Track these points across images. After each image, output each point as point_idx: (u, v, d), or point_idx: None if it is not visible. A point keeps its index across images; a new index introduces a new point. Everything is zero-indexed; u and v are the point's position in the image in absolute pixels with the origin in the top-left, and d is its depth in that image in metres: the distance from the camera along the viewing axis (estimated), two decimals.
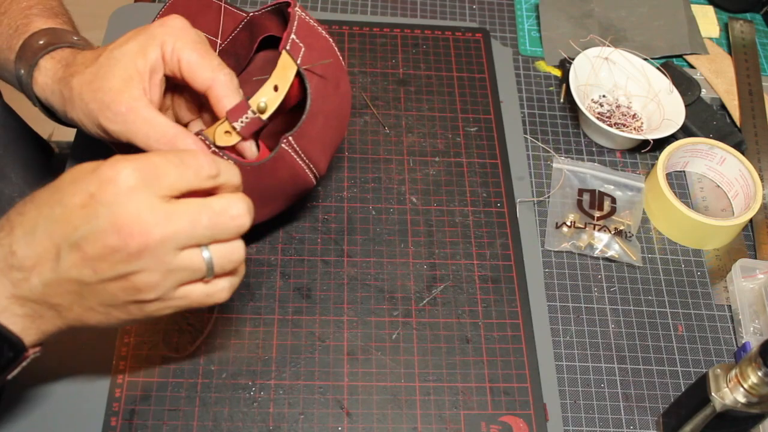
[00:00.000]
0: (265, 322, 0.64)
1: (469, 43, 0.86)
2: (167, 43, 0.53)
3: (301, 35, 0.58)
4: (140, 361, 0.61)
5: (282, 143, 0.57)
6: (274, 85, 0.56)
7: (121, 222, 0.42)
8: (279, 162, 0.58)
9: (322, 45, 0.60)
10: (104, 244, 0.42)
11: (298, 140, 0.58)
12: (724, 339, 0.68)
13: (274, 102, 0.55)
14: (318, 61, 0.58)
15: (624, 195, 0.76)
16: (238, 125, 0.54)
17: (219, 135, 0.55)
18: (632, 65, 0.82)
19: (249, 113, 0.54)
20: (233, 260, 0.47)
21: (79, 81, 0.54)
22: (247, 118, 0.54)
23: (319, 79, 0.59)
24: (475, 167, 0.76)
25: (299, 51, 0.57)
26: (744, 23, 0.92)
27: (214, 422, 0.58)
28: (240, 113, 0.54)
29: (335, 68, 0.61)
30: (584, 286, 0.70)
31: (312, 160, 0.60)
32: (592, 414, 0.63)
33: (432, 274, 0.68)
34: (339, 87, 0.61)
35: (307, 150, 0.59)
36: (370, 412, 0.60)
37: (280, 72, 0.56)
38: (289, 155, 0.58)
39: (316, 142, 0.60)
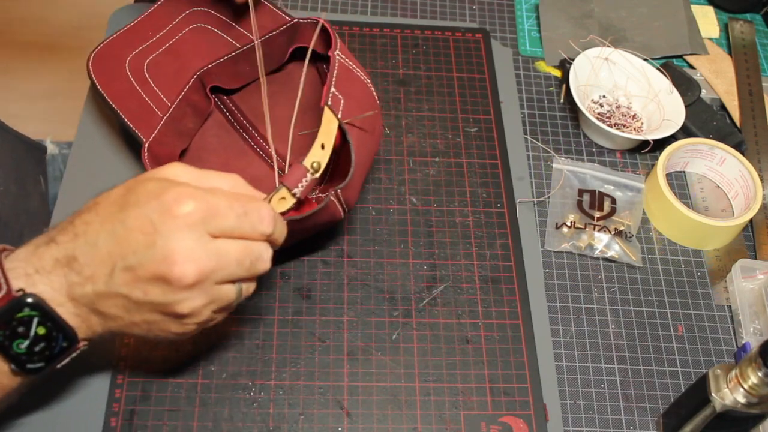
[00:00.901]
0: (265, 322, 0.64)
1: (469, 44, 0.86)
2: None
3: (341, 85, 0.59)
4: (140, 361, 0.61)
5: (330, 196, 0.58)
6: (321, 144, 0.56)
7: (176, 256, 0.45)
8: (323, 210, 0.59)
9: (359, 89, 0.61)
10: (157, 273, 0.46)
11: (344, 192, 0.59)
12: (724, 339, 0.68)
13: (324, 159, 0.56)
14: (356, 110, 0.59)
15: (624, 195, 0.76)
16: (298, 191, 0.55)
17: (275, 202, 0.55)
18: (632, 65, 0.82)
19: (308, 176, 0.55)
20: (251, 292, 0.52)
21: None
22: (306, 180, 0.55)
23: (360, 130, 0.60)
24: (475, 167, 0.76)
25: (339, 104, 0.58)
26: (744, 23, 0.92)
27: (214, 422, 0.58)
28: (299, 179, 0.55)
29: (372, 107, 0.62)
30: (584, 286, 0.70)
31: (349, 203, 0.61)
32: (592, 414, 0.63)
33: (432, 274, 0.68)
34: (375, 131, 0.63)
35: (347, 197, 0.60)
36: (370, 412, 0.60)
37: (325, 128, 0.57)
38: (333, 205, 0.59)
39: (355, 188, 0.61)
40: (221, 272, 0.47)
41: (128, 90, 0.69)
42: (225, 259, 0.47)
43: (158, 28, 0.74)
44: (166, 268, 0.45)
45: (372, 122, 0.62)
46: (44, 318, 0.47)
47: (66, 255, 0.47)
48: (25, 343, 0.47)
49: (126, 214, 0.46)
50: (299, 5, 0.88)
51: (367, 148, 0.62)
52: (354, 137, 0.58)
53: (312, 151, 0.56)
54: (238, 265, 0.48)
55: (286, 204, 0.55)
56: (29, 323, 0.46)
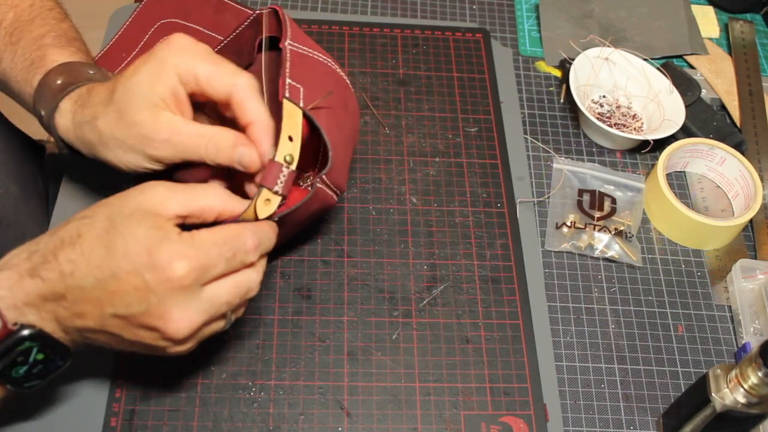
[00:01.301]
0: (265, 322, 0.64)
1: (469, 44, 0.86)
2: (178, 64, 0.53)
3: (297, 73, 0.57)
4: (140, 361, 0.60)
5: (317, 183, 0.57)
6: (288, 136, 0.55)
7: (170, 316, 0.47)
8: (314, 198, 0.58)
9: (320, 73, 0.60)
10: (150, 324, 0.47)
11: (330, 175, 0.58)
12: (724, 339, 0.68)
13: (296, 150, 0.55)
14: (319, 93, 0.58)
15: (624, 195, 0.76)
16: (279, 188, 0.53)
17: (260, 208, 0.53)
18: (632, 65, 0.82)
19: (284, 170, 0.53)
20: (240, 315, 0.54)
21: (105, 122, 0.54)
22: (284, 176, 0.53)
23: (329, 112, 0.58)
24: (475, 167, 0.76)
25: (298, 93, 0.56)
26: (744, 23, 0.92)
27: (214, 422, 0.58)
28: (276, 175, 0.53)
29: (340, 89, 0.61)
30: (584, 286, 0.70)
31: (338, 186, 0.60)
32: (592, 414, 0.63)
33: (432, 274, 0.68)
34: (348, 107, 0.62)
35: (336, 180, 0.59)
36: (370, 412, 0.60)
37: (289, 121, 0.55)
38: (322, 191, 0.59)
39: (343, 170, 0.61)
40: (213, 317, 0.49)
41: None
42: (217, 307, 0.49)
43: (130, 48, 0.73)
44: (160, 324, 0.47)
45: (342, 99, 0.61)
46: (43, 346, 0.48)
47: (53, 292, 0.47)
48: (23, 368, 0.48)
49: (115, 264, 0.46)
50: (299, 5, 0.88)
51: (345, 127, 0.61)
52: (324, 120, 0.57)
53: (280, 145, 0.54)
54: (228, 306, 0.50)
55: (272, 204, 0.53)
56: (29, 352, 0.47)
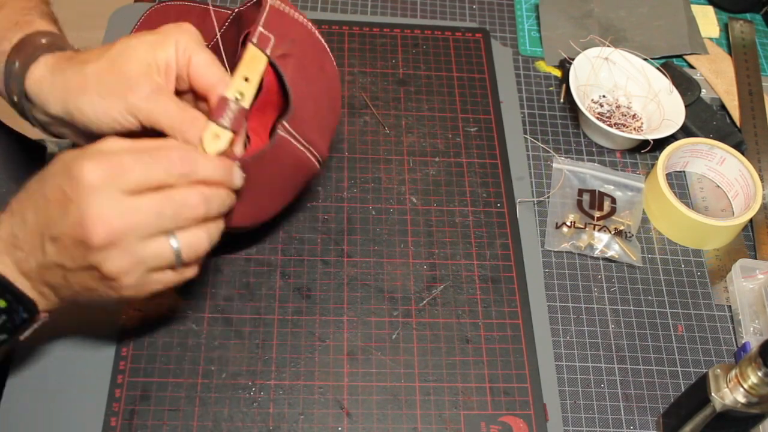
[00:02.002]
0: (265, 322, 0.64)
1: (469, 43, 0.86)
2: (180, 41, 0.54)
3: (272, 25, 0.58)
4: (140, 360, 0.61)
5: (278, 130, 0.57)
6: (244, 77, 0.55)
7: (86, 218, 0.46)
8: (279, 150, 0.58)
9: (295, 31, 0.60)
10: (74, 238, 0.47)
11: (294, 124, 0.58)
12: (724, 339, 0.68)
13: (249, 90, 0.55)
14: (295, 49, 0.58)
15: (624, 195, 0.76)
16: (227, 121, 0.54)
17: (208, 143, 0.53)
18: (632, 65, 0.82)
19: (232, 105, 0.54)
20: (199, 250, 0.51)
21: (95, 67, 0.54)
22: (231, 111, 0.54)
23: (298, 66, 0.59)
24: (474, 167, 0.76)
25: (268, 41, 0.57)
26: (744, 23, 0.92)
27: (214, 422, 0.58)
28: (223, 108, 0.54)
29: (316, 51, 0.61)
30: (584, 286, 0.70)
31: (311, 143, 0.60)
32: (592, 414, 0.63)
33: (432, 274, 0.68)
34: (324, 69, 0.62)
35: (305, 133, 0.59)
36: (370, 412, 0.60)
37: (248, 64, 0.56)
38: (287, 141, 0.58)
39: (312, 125, 0.60)
40: (140, 228, 0.47)
41: None
42: (140, 214, 0.47)
43: None
44: (80, 232, 0.46)
45: (318, 60, 0.61)
46: (3, 291, 0.49)
47: (8, 233, 0.49)
48: None
49: (45, 185, 0.48)
50: (299, 5, 0.88)
51: (318, 86, 0.61)
52: (290, 72, 0.58)
53: (233, 82, 0.55)
54: (158, 216, 0.47)
55: (222, 140, 0.53)
56: None
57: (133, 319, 0.62)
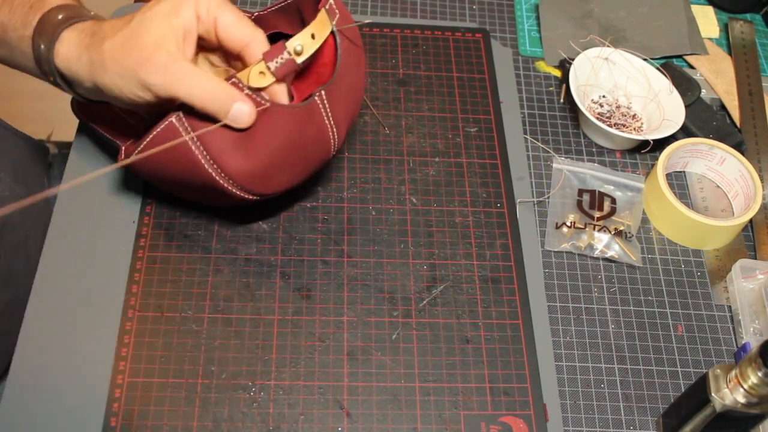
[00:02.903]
0: (265, 322, 0.64)
1: (469, 44, 0.86)
2: (201, 3, 0.55)
3: (337, 4, 0.61)
4: (140, 361, 0.61)
5: (315, 96, 0.59)
6: (311, 33, 0.58)
7: None
8: (309, 114, 0.59)
9: (349, 20, 0.63)
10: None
11: (329, 96, 0.60)
12: (724, 339, 0.68)
13: (310, 48, 0.57)
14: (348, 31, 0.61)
15: (624, 195, 0.76)
16: (273, 65, 0.56)
17: (253, 76, 0.56)
18: (632, 65, 0.82)
19: (285, 54, 0.56)
20: None
21: (111, 44, 0.55)
22: (282, 58, 0.56)
23: (348, 46, 0.61)
24: (474, 167, 0.76)
25: (335, 14, 0.60)
26: (744, 23, 0.92)
27: (214, 422, 0.58)
28: (276, 53, 0.56)
29: (358, 47, 0.64)
30: (584, 286, 0.70)
31: (336, 123, 0.61)
32: (592, 414, 0.63)
33: (432, 274, 0.68)
34: (360, 63, 0.64)
35: (335, 110, 0.61)
36: (370, 412, 0.60)
37: (319, 24, 0.58)
38: (319, 109, 0.60)
39: (342, 106, 0.62)
40: None
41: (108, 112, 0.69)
42: None
43: None
44: None
45: (357, 54, 0.64)
46: None
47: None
48: None
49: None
50: None
51: (354, 77, 0.63)
52: (344, 50, 0.60)
53: (299, 34, 0.57)
54: None
55: (265, 79, 0.56)
56: None
57: (133, 320, 0.62)
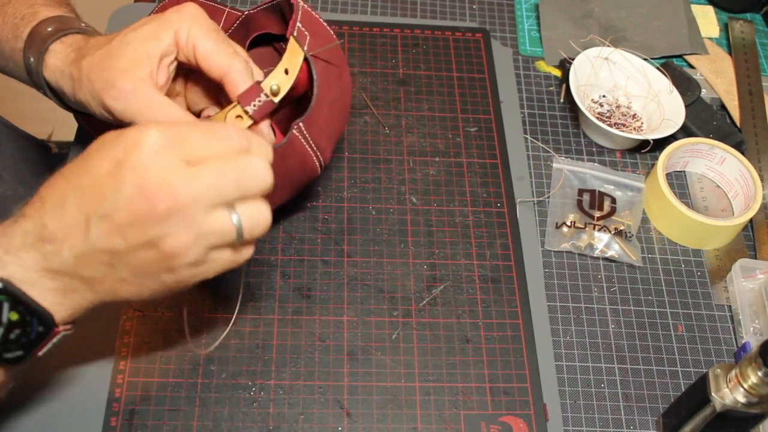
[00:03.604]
0: (265, 322, 0.64)
1: (469, 43, 0.86)
2: (182, 29, 0.54)
3: (306, 24, 0.59)
4: (140, 361, 0.61)
5: (293, 129, 0.58)
6: (285, 69, 0.56)
7: (147, 185, 0.42)
8: (289, 149, 0.58)
9: (324, 35, 0.61)
10: (132, 210, 0.42)
11: (308, 127, 0.59)
12: (724, 339, 0.68)
13: (286, 84, 0.56)
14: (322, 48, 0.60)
15: (624, 195, 0.76)
16: (251, 109, 0.55)
17: (230, 119, 0.55)
18: (632, 65, 0.82)
19: (262, 96, 0.55)
20: (261, 224, 0.46)
21: (88, 62, 0.54)
22: (259, 101, 0.55)
23: (324, 67, 0.60)
24: (474, 167, 0.76)
25: (305, 38, 0.59)
26: (744, 23, 0.92)
27: (214, 422, 0.58)
28: (252, 96, 0.55)
29: (338, 59, 0.62)
30: (584, 286, 0.70)
31: (319, 147, 0.61)
32: (592, 414, 0.63)
33: (432, 274, 0.68)
34: (341, 77, 0.63)
35: (316, 137, 0.60)
36: (370, 412, 0.60)
37: (290, 57, 0.57)
38: (299, 142, 0.59)
39: (323, 130, 0.61)
40: (203, 197, 0.43)
41: None
42: (203, 181, 0.43)
43: None
44: (140, 202, 0.42)
45: (338, 68, 0.62)
46: (14, 302, 0.44)
47: (35, 225, 0.44)
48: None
49: (90, 162, 0.44)
50: None
51: (334, 92, 0.62)
52: (319, 73, 0.59)
53: (273, 73, 0.56)
54: (220, 181, 0.43)
55: (243, 123, 0.55)
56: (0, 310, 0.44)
57: (133, 320, 0.62)
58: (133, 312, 0.63)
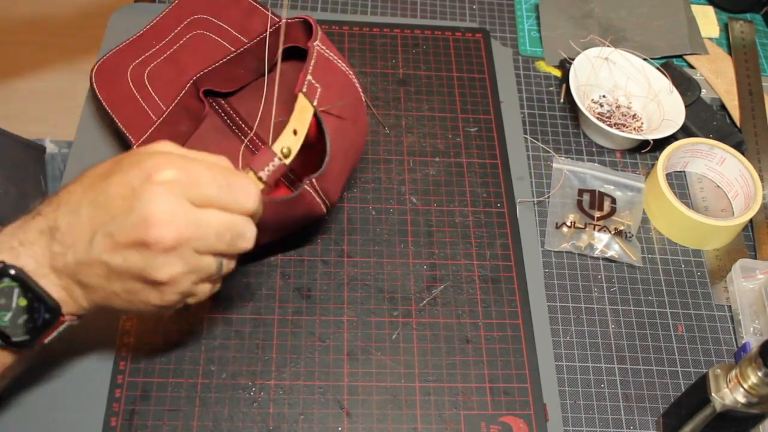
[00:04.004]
0: (265, 322, 0.64)
1: (469, 43, 0.86)
2: None
3: (319, 74, 0.58)
4: (140, 360, 0.61)
5: (305, 184, 0.57)
6: (294, 129, 0.55)
7: (153, 219, 0.45)
8: (299, 200, 0.58)
9: (340, 81, 0.60)
10: (135, 237, 0.46)
11: (320, 182, 0.58)
12: (724, 339, 0.68)
13: (296, 145, 0.55)
14: (335, 100, 0.58)
15: (624, 195, 0.76)
16: (264, 174, 0.53)
17: None
18: (632, 65, 0.82)
19: (275, 161, 0.54)
20: (231, 268, 0.52)
21: None
22: (273, 165, 0.54)
23: (337, 119, 0.59)
24: (474, 167, 0.76)
25: (316, 92, 0.57)
26: (744, 23, 0.92)
27: (214, 422, 0.58)
28: (266, 161, 0.53)
29: (354, 102, 0.61)
30: (584, 286, 0.70)
31: (328, 195, 0.61)
32: (592, 414, 0.63)
33: (432, 274, 0.68)
34: (357, 122, 0.62)
35: (326, 189, 0.60)
36: (370, 412, 0.60)
37: (298, 115, 0.56)
38: (309, 195, 0.58)
39: (336, 180, 0.61)
40: (201, 241, 0.47)
41: (127, 96, 0.70)
42: (205, 229, 0.47)
43: (161, 37, 0.75)
44: (143, 231, 0.45)
45: (353, 113, 0.61)
46: (25, 289, 0.47)
47: (49, 225, 0.47)
48: (7, 315, 0.47)
49: (108, 181, 0.47)
50: (299, 5, 0.88)
51: (349, 140, 0.61)
52: (330, 126, 0.58)
53: (282, 135, 0.55)
54: (218, 237, 0.48)
55: None
56: (10, 294, 0.47)
57: (133, 320, 0.62)
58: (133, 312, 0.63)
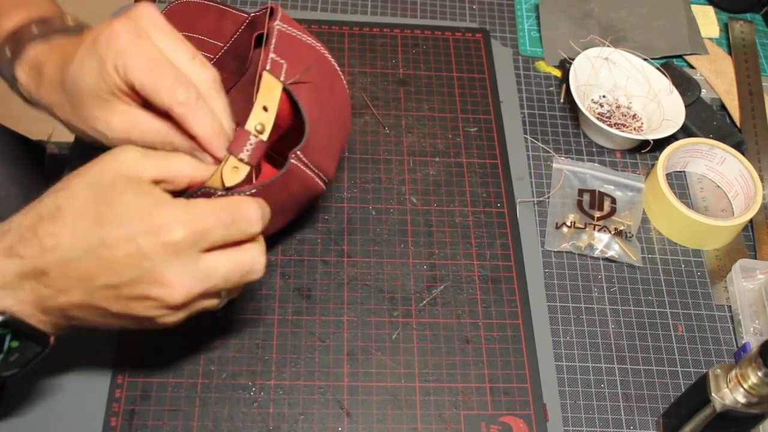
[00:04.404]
0: (265, 322, 0.64)
1: (469, 43, 0.86)
2: (118, 66, 0.50)
3: (282, 50, 0.57)
4: (140, 361, 0.61)
5: (291, 159, 0.56)
6: (263, 106, 0.54)
7: (165, 281, 0.45)
8: (289, 177, 0.57)
9: (306, 54, 0.59)
10: (143, 293, 0.46)
11: (306, 153, 0.57)
12: (724, 339, 0.68)
13: (269, 121, 0.54)
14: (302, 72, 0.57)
15: (624, 195, 0.76)
16: (245, 155, 0.52)
17: (227, 174, 0.52)
18: (632, 65, 0.82)
19: (251, 138, 0.52)
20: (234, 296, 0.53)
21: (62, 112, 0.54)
22: (251, 144, 0.52)
23: (311, 89, 0.57)
24: (474, 167, 0.76)
25: (281, 68, 0.56)
26: (744, 23, 0.92)
27: (214, 422, 0.58)
28: (242, 143, 0.52)
29: (326, 72, 0.60)
30: (584, 286, 0.70)
31: (321, 168, 0.59)
32: (592, 414, 0.63)
33: (432, 274, 0.68)
34: (334, 90, 0.61)
35: (316, 160, 0.58)
36: (370, 412, 0.60)
37: (266, 92, 0.55)
38: (299, 169, 0.57)
39: (324, 150, 0.59)
40: (209, 291, 0.48)
41: None
42: (213, 279, 0.47)
43: None
44: (154, 290, 0.45)
45: (328, 82, 0.60)
46: (17, 333, 0.46)
47: (33, 269, 0.45)
48: None
49: (105, 233, 0.45)
50: (299, 5, 0.88)
51: (329, 109, 0.60)
52: (304, 98, 0.56)
53: (253, 113, 0.53)
54: (225, 281, 0.48)
55: (240, 173, 0.52)
56: (2, 339, 0.46)
57: None
58: None
